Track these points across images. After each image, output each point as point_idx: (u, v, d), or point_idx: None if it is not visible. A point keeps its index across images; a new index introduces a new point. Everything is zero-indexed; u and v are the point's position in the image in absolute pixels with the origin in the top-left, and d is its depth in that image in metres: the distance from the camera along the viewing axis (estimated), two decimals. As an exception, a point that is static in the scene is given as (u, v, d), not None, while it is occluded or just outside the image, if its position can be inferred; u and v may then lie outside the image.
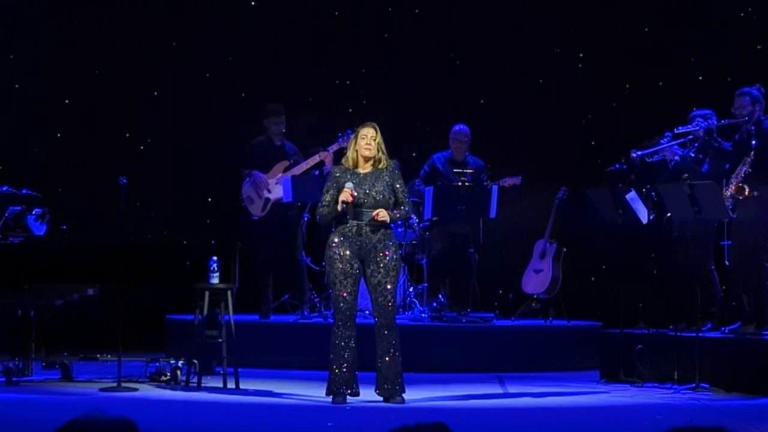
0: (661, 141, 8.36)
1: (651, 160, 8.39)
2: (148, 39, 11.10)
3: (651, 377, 7.93)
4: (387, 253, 6.88)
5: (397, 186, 7.00)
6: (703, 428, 2.29)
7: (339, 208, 6.85)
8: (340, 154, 9.27)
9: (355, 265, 6.86)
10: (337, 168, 7.13)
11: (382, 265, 6.85)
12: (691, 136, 8.28)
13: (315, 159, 9.46)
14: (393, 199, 6.96)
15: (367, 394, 6.96)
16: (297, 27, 11.26)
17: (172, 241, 9.56)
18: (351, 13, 11.33)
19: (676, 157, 8.30)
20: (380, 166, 7.00)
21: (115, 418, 2.26)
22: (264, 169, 9.65)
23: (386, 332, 6.89)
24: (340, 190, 6.89)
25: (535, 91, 11.02)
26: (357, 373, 6.93)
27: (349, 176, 6.94)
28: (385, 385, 6.87)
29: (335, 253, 6.86)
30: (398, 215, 7.03)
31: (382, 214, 6.84)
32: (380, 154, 7.00)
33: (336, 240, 6.89)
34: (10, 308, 7.86)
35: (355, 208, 6.86)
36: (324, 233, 9.64)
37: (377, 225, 6.87)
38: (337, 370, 6.84)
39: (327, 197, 6.95)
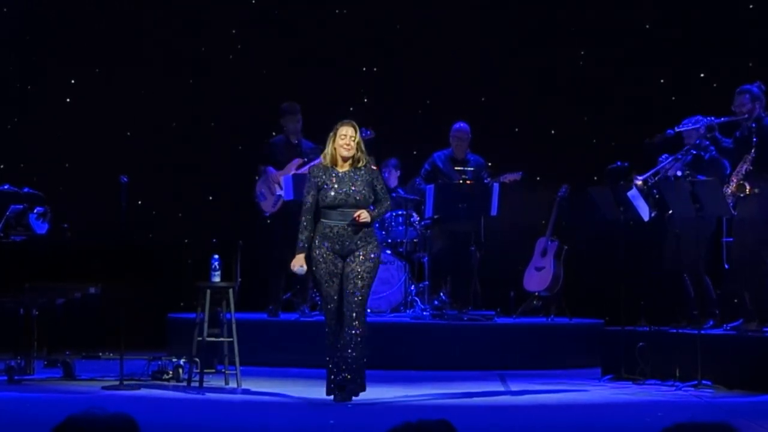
0: (660, 158, 8.32)
1: (652, 181, 8.34)
2: (148, 37, 11.10)
3: (653, 375, 7.92)
4: (367, 249, 6.82)
5: (376, 184, 6.93)
6: (705, 424, 2.29)
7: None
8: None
9: (339, 265, 6.82)
10: (315, 168, 7.06)
11: (359, 260, 6.79)
12: (687, 147, 8.25)
13: None
14: (373, 197, 6.90)
15: (370, 392, 6.96)
16: (298, 24, 11.26)
17: (174, 239, 9.55)
18: (352, 11, 11.33)
19: (679, 172, 8.25)
20: (359, 165, 6.91)
21: (115, 414, 2.27)
22: (281, 166, 9.66)
23: (354, 324, 6.77)
24: (319, 191, 6.86)
25: (536, 89, 11.02)
26: None
27: (328, 176, 6.88)
28: (335, 382, 6.77)
29: (317, 253, 6.84)
30: (378, 213, 6.95)
31: (364, 216, 6.77)
32: (359, 153, 6.91)
33: (317, 241, 6.86)
34: (11, 307, 7.86)
35: (336, 209, 6.83)
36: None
37: (359, 225, 6.82)
38: (334, 370, 6.82)
39: (309, 198, 6.91)
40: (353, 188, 6.85)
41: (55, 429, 2.28)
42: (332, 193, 6.83)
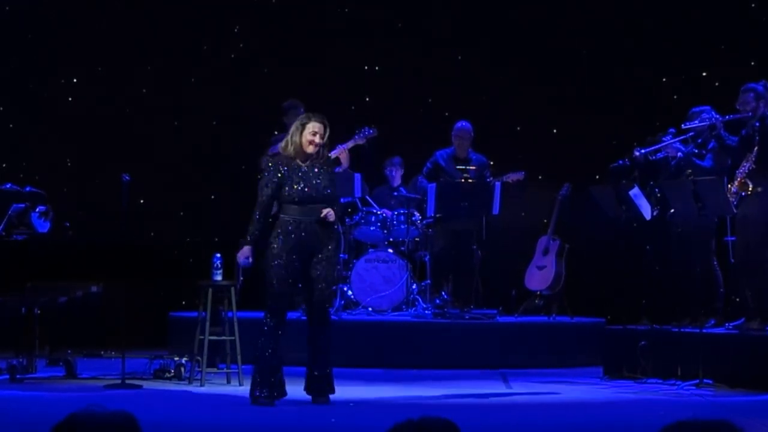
0: (664, 138, 8.35)
1: (654, 157, 8.38)
2: (149, 36, 11.11)
3: (654, 373, 7.91)
4: (330, 249, 6.62)
5: (335, 181, 6.71)
6: (707, 422, 2.29)
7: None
8: (354, 151, 9.26)
9: (297, 265, 6.55)
10: (275, 159, 6.65)
11: (323, 264, 6.59)
12: (692, 133, 8.27)
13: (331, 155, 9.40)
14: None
15: (367, 390, 6.96)
16: (299, 23, 11.26)
17: (175, 238, 9.56)
18: (353, 10, 11.33)
19: (679, 154, 8.29)
20: (321, 160, 6.64)
21: (115, 411, 2.27)
22: None
23: (319, 330, 6.70)
24: (281, 185, 6.52)
25: (537, 88, 11.01)
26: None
27: (292, 169, 6.53)
28: (315, 384, 6.69)
29: (276, 250, 6.51)
30: (340, 213, 6.73)
31: (333, 215, 6.54)
32: (323, 149, 6.66)
33: (278, 237, 6.53)
34: (13, 305, 7.87)
35: (303, 204, 6.53)
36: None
37: (324, 222, 6.57)
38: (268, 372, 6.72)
39: (268, 191, 6.54)
40: (320, 183, 6.57)
41: (55, 427, 2.29)
42: (299, 188, 6.53)
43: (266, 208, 6.62)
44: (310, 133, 6.59)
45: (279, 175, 6.57)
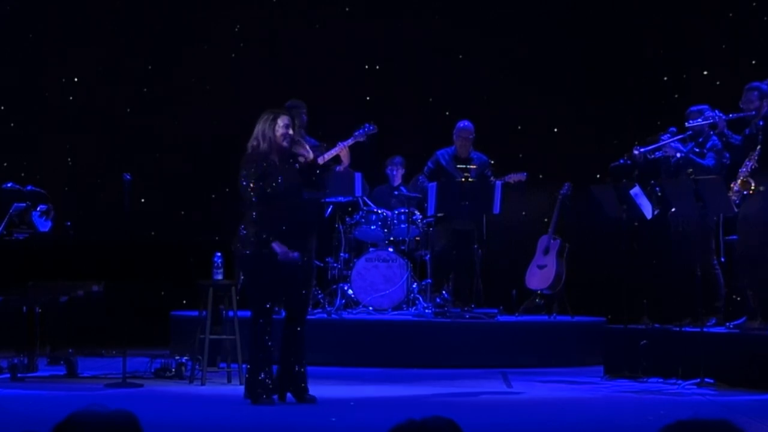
0: (663, 137, 8.36)
1: (653, 156, 8.39)
2: (150, 36, 11.12)
3: (655, 373, 7.92)
4: (311, 249, 6.61)
5: None
6: (707, 421, 2.29)
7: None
8: (355, 149, 9.25)
9: (284, 266, 6.50)
10: (256, 156, 6.52)
11: (306, 256, 6.58)
12: (690, 132, 8.27)
13: (331, 154, 9.42)
14: None
15: (368, 389, 6.95)
16: (299, 23, 11.27)
17: (176, 237, 9.55)
18: (354, 9, 11.33)
19: (678, 154, 8.29)
20: (289, 155, 6.62)
21: (116, 411, 2.27)
22: None
23: (299, 328, 6.70)
24: (263, 180, 6.43)
25: (538, 87, 11.02)
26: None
27: (271, 164, 6.45)
28: (292, 383, 6.68)
29: (265, 252, 6.44)
30: None
31: (311, 154, 6.61)
32: (293, 144, 6.62)
33: (259, 234, 6.47)
34: (15, 305, 7.88)
35: (287, 200, 6.47)
36: (328, 230, 9.67)
37: (305, 218, 6.56)
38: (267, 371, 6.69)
39: (257, 187, 6.43)
40: (296, 179, 6.54)
41: (56, 426, 2.29)
42: (279, 184, 6.46)
43: (263, 204, 6.50)
44: (283, 126, 6.53)
45: (262, 167, 6.47)
